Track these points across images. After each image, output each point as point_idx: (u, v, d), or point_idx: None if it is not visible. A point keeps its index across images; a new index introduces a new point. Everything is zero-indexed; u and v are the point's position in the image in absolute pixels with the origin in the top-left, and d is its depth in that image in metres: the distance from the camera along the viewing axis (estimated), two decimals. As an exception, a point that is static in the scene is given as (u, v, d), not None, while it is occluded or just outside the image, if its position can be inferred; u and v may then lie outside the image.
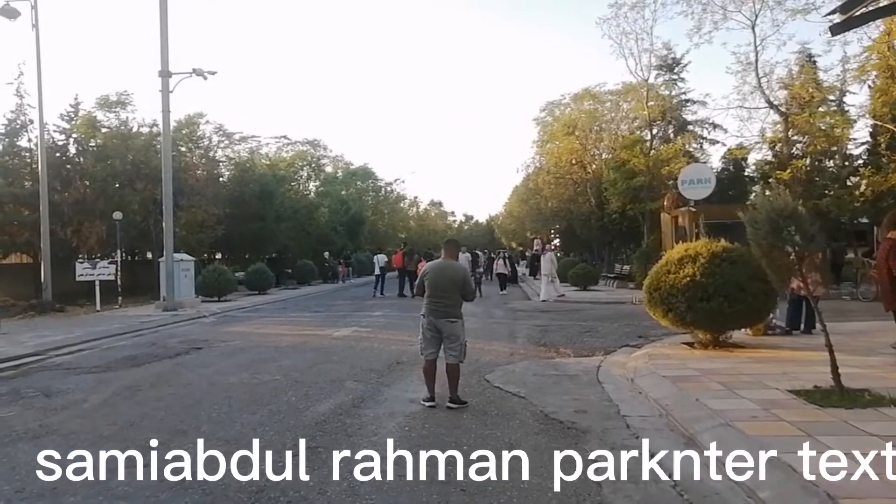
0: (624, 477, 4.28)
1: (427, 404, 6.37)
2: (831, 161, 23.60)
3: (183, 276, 19.43)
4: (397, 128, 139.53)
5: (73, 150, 23.90)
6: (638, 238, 26.99)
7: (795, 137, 22.70)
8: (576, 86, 61.93)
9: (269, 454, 4.88)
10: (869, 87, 20.69)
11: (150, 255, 26.45)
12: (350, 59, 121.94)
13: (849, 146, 23.25)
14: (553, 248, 22.95)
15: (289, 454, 4.88)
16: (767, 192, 6.57)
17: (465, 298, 6.60)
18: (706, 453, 4.69)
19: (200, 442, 5.24)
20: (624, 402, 6.48)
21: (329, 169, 47.17)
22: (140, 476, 4.46)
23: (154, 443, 5.23)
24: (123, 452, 4.98)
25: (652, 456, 4.73)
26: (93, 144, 23.85)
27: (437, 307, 6.45)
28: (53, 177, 20.36)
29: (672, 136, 29.39)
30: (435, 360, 6.52)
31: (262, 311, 18.73)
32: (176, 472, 4.51)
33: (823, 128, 21.17)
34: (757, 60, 21.33)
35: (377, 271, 24.57)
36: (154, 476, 4.44)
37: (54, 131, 23.30)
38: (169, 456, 4.88)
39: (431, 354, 6.50)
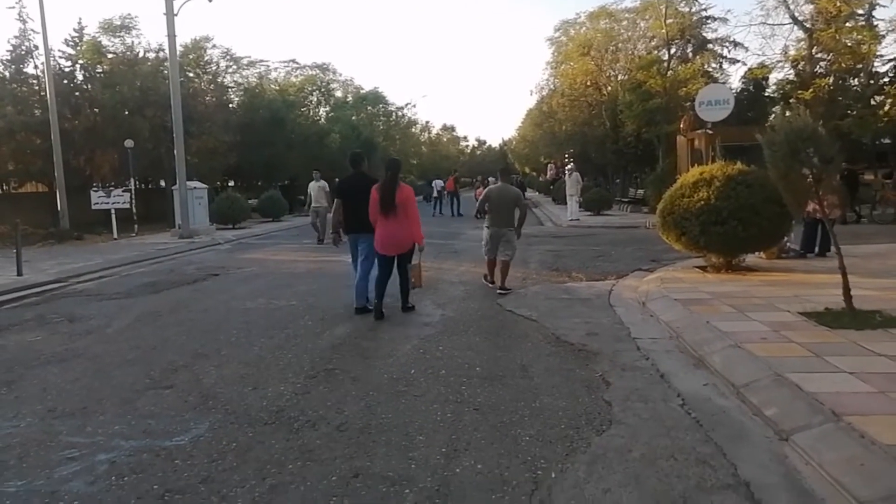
0: (633, 396, 4.39)
1: (490, 285, 8.81)
2: (856, 80, 22.79)
3: (197, 203, 19.54)
4: (408, 50, 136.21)
5: (80, 76, 23.60)
6: (653, 162, 26.57)
7: (819, 55, 21.83)
8: (592, 3, 59.64)
9: (287, 375, 5.05)
10: (901, -1, 19.70)
11: (163, 184, 26.55)
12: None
13: (875, 63, 22.37)
14: (571, 169, 22.67)
15: (306, 375, 5.04)
16: (787, 113, 6.41)
17: (521, 211, 8.53)
18: (714, 373, 4.79)
19: (221, 364, 5.43)
20: (635, 324, 6.56)
21: (339, 94, 46.26)
22: (165, 397, 4.64)
23: (177, 366, 5.43)
24: (148, 374, 5.19)
25: (661, 376, 4.83)
26: (99, 71, 23.51)
27: (498, 220, 8.55)
28: (62, 104, 20.21)
29: (690, 55, 28.41)
30: (495, 258, 8.69)
31: (276, 237, 18.89)
32: (199, 393, 4.69)
33: (850, 44, 20.31)
34: (783, -28, 20.30)
35: (435, 194, 30.49)
36: (178, 397, 4.62)
37: (60, 57, 22.97)
38: (191, 378, 5.07)
39: (491, 253, 8.71)
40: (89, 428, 4.06)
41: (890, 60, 23.13)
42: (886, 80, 21.96)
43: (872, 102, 20.97)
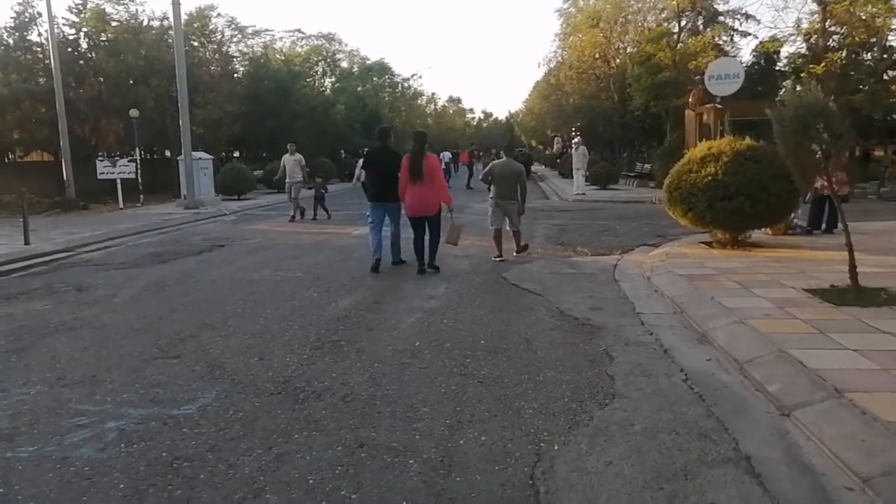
0: (637, 370, 4.41)
1: (497, 260, 8.88)
2: (869, 54, 22.43)
3: (202, 174, 19.54)
4: (414, 20, 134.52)
5: (84, 44, 23.42)
6: (660, 136, 26.33)
7: (833, 28, 21.42)
8: (602, -27, 58.35)
9: (293, 347, 5.09)
10: (918, -29, 19.29)
11: (168, 154, 26.50)
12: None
13: (889, 37, 21.99)
14: (577, 143, 22.60)
15: (312, 347, 5.08)
16: (798, 88, 6.33)
17: (521, 186, 8.94)
18: (718, 349, 4.81)
19: (228, 335, 5.48)
20: (639, 299, 6.57)
21: (344, 64, 45.79)
22: (172, 366, 4.69)
23: (184, 335, 5.48)
24: (155, 344, 5.24)
25: (665, 351, 4.85)
26: (104, 39, 23.31)
27: (501, 192, 8.93)
28: (67, 73, 20.10)
29: (701, 28, 27.96)
30: (501, 229, 9.04)
31: (281, 209, 18.87)
32: (206, 363, 4.74)
33: (864, 17, 19.95)
34: (798, -58, 19.85)
35: (443, 166, 28.18)
36: (185, 366, 4.67)
37: (63, 25, 22.75)
38: (198, 348, 5.12)
39: (498, 224, 9.03)
40: (98, 396, 4.11)
41: (904, 34, 22.73)
42: (900, 54, 21.62)
43: (885, 77, 20.68)
